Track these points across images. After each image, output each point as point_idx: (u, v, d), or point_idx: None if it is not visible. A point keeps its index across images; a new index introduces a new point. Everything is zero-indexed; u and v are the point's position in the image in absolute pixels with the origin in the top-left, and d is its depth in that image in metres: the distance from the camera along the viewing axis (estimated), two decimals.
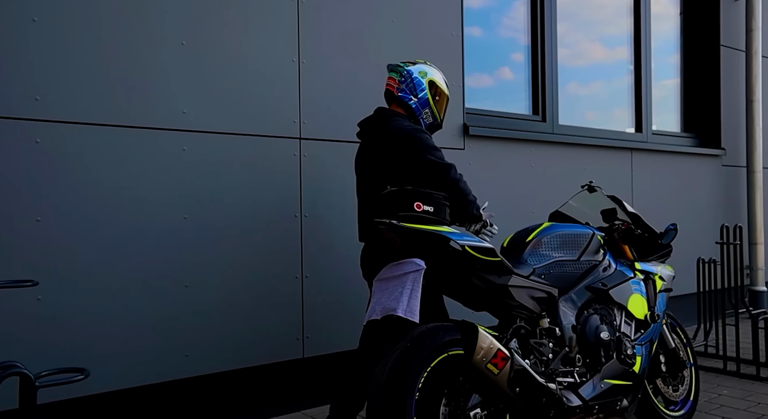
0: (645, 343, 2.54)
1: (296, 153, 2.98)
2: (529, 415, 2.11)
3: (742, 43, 5.29)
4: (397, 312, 1.88)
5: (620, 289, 2.52)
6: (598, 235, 2.58)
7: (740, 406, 3.02)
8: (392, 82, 2.58)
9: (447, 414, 1.97)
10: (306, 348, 3.00)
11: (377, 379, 1.90)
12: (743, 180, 5.34)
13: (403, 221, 2.01)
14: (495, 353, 1.98)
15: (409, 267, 1.98)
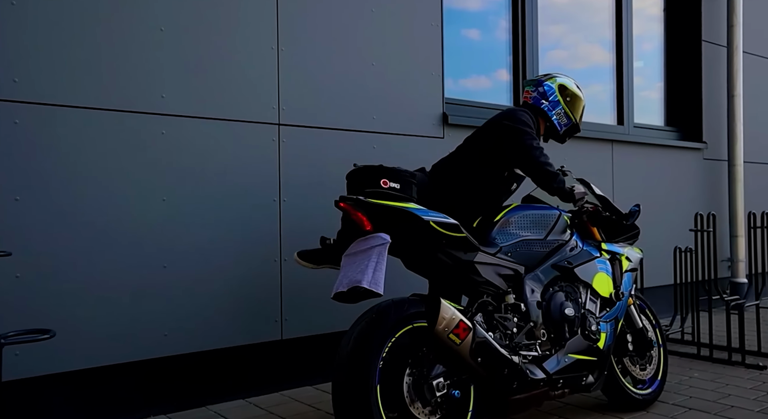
0: (610, 320, 2.61)
1: (275, 138, 3.05)
2: (492, 386, 2.17)
3: (724, 39, 5.37)
4: (362, 284, 1.93)
5: (585, 268, 2.59)
6: (564, 216, 2.66)
7: (708, 387, 3.08)
8: (527, 94, 2.89)
9: (410, 383, 2.04)
10: (284, 330, 3.06)
11: (343, 349, 1.97)
12: (724, 173, 5.41)
13: (370, 197, 2.07)
14: (457, 324, 2.04)
15: (374, 242, 2.03)
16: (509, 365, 2.17)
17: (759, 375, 3.30)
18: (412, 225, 2.08)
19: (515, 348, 2.27)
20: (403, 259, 2.33)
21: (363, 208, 2.06)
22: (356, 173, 2.15)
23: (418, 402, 2.04)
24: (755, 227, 3.82)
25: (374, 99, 3.38)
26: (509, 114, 2.68)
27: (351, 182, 2.16)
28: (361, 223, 2.06)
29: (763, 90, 5.82)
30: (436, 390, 2.04)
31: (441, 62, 3.67)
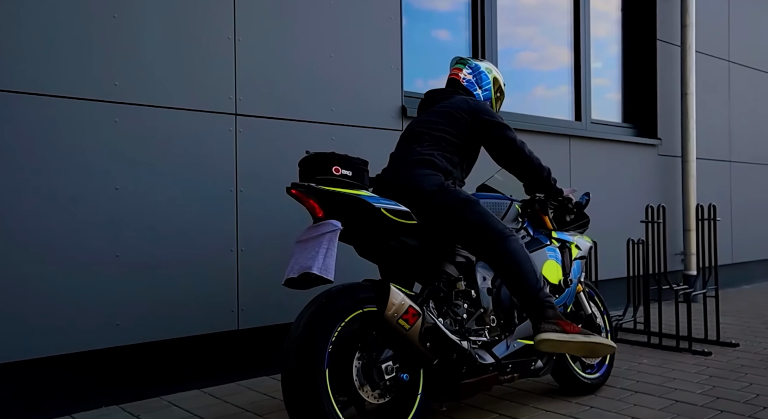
0: (559, 307, 2.65)
1: (232, 128, 3.05)
2: (441, 371, 2.21)
3: (678, 39, 5.53)
4: (312, 270, 1.93)
5: (535, 255, 2.63)
6: (516, 204, 2.71)
7: (655, 372, 3.19)
8: (458, 72, 2.78)
9: (360, 367, 2.06)
10: (241, 320, 3.06)
11: (292, 333, 1.98)
12: (678, 169, 5.58)
13: (322, 185, 2.08)
14: (406, 309, 2.07)
15: (325, 228, 2.03)
16: (458, 350, 2.21)
17: (704, 360, 3.43)
18: (363, 212, 2.10)
19: (465, 334, 2.31)
20: (355, 246, 2.35)
21: (314, 195, 2.07)
22: (308, 160, 2.14)
23: (368, 386, 2.06)
24: (703, 219, 3.95)
25: (333, 90, 3.40)
26: (482, 107, 2.56)
27: (303, 169, 2.15)
28: (313, 210, 2.08)
29: (714, 89, 6.01)
30: (385, 374, 2.06)
31: (400, 55, 3.71)
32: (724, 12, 6.13)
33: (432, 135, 2.48)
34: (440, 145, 2.46)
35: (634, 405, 2.68)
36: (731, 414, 2.53)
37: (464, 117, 2.51)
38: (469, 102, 2.57)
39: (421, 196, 2.28)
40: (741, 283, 6.35)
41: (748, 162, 6.39)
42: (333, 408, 1.94)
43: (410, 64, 4.01)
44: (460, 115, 2.51)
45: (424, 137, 2.48)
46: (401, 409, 2.16)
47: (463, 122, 2.51)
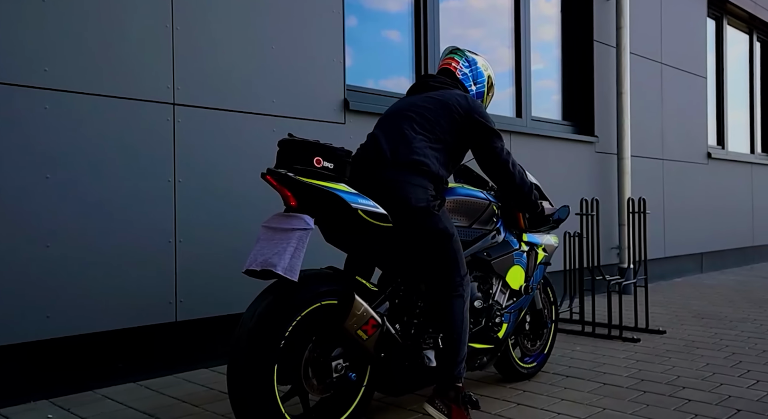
0: (514, 311, 2.69)
1: (169, 118, 3.00)
2: (388, 370, 2.21)
3: (613, 40, 5.75)
4: (276, 270, 1.84)
5: (503, 261, 2.63)
6: (494, 205, 2.64)
7: (587, 358, 3.32)
8: (454, 62, 2.62)
9: (310, 360, 2.02)
10: (179, 312, 3.02)
11: (245, 323, 1.91)
12: (614, 165, 5.80)
13: (300, 175, 1.94)
14: (367, 320, 2.05)
15: (297, 224, 1.92)
16: (410, 357, 2.24)
17: (633, 346, 3.58)
18: (339, 209, 2.00)
19: (418, 338, 2.29)
20: (324, 233, 2.26)
21: (289, 185, 1.95)
22: (289, 145, 1.97)
23: (314, 380, 2.04)
24: (634, 212, 4.13)
25: (274, 82, 3.40)
26: (479, 108, 2.42)
27: (282, 154, 1.98)
28: (287, 199, 1.98)
29: (647, 89, 6.27)
30: (333, 372, 2.04)
31: (342, 49, 3.73)
32: (656, 16, 6.40)
33: (426, 118, 2.33)
34: (433, 133, 2.32)
35: (565, 388, 2.79)
36: (653, 395, 2.67)
37: (459, 112, 2.36)
38: (468, 99, 2.42)
39: (403, 208, 2.17)
40: (673, 276, 6.64)
41: (679, 160, 6.69)
42: (277, 403, 1.91)
43: (354, 59, 4.04)
44: (456, 110, 2.36)
45: (416, 120, 2.33)
46: (343, 402, 2.17)
47: (456, 117, 2.35)
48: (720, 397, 2.62)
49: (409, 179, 2.21)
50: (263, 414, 1.88)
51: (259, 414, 1.88)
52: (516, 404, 2.57)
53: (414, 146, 2.27)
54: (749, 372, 3.00)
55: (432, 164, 2.27)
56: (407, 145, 2.27)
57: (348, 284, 2.11)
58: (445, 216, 2.27)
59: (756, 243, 8.06)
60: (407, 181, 2.21)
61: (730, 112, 7.97)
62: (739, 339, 3.72)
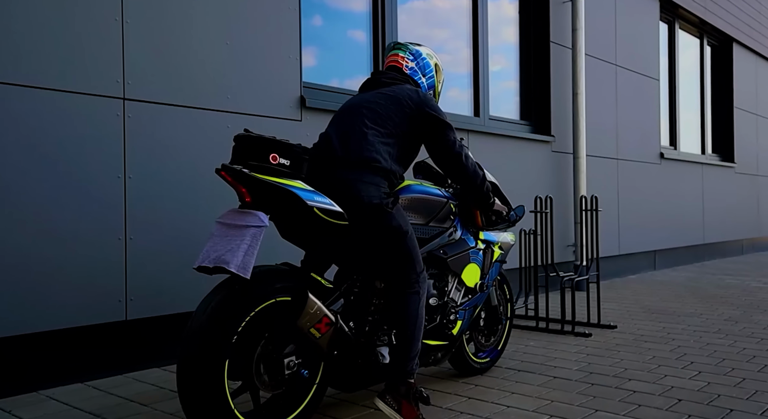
0: (469, 308, 2.71)
1: (119, 113, 2.94)
2: (341, 367, 2.22)
3: (569, 41, 5.86)
4: (229, 267, 1.81)
5: (458, 259, 2.64)
6: (451, 203, 2.64)
7: (539, 353, 3.38)
8: (399, 58, 2.59)
9: (262, 357, 2.01)
10: (129, 310, 2.96)
11: (196, 319, 1.88)
12: (570, 165, 5.91)
13: (255, 171, 1.92)
14: (320, 319, 2.04)
15: (252, 221, 1.90)
16: (363, 355, 2.24)
17: (584, 341, 3.67)
18: (294, 206, 1.99)
19: (372, 335, 2.29)
20: (280, 229, 2.24)
21: (244, 182, 1.93)
22: (245, 141, 1.94)
23: (265, 376, 2.02)
24: (586, 210, 4.22)
25: (229, 78, 3.36)
26: (430, 102, 2.42)
27: (237, 149, 1.94)
28: (242, 195, 1.96)
29: (602, 90, 6.41)
30: (285, 369, 2.03)
31: (299, 46, 3.71)
32: (611, 19, 6.56)
33: (378, 113, 2.34)
34: (385, 127, 2.32)
35: (516, 382, 2.84)
36: (600, 387, 2.73)
37: (410, 107, 2.36)
38: (419, 93, 2.43)
39: (356, 206, 2.17)
40: (627, 273, 6.81)
41: (633, 160, 6.86)
42: (227, 400, 1.89)
43: (312, 57, 4.03)
44: (407, 104, 2.37)
45: (368, 116, 2.33)
46: (295, 399, 2.16)
47: (408, 112, 2.36)
48: (663, 388, 2.70)
49: (361, 177, 2.22)
50: (212, 410, 1.86)
51: (208, 410, 1.86)
52: (467, 398, 2.60)
53: (365, 142, 2.27)
54: (692, 363, 3.10)
55: (384, 160, 2.28)
56: (358, 142, 2.28)
57: (302, 281, 2.10)
58: (399, 213, 2.27)
59: (707, 241, 8.33)
60: (359, 178, 2.21)
61: (683, 113, 8.22)
62: (686, 332, 3.84)
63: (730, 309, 4.63)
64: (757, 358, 3.19)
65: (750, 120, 9.57)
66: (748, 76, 9.50)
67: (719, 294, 5.37)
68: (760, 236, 9.87)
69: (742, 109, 9.30)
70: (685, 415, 2.35)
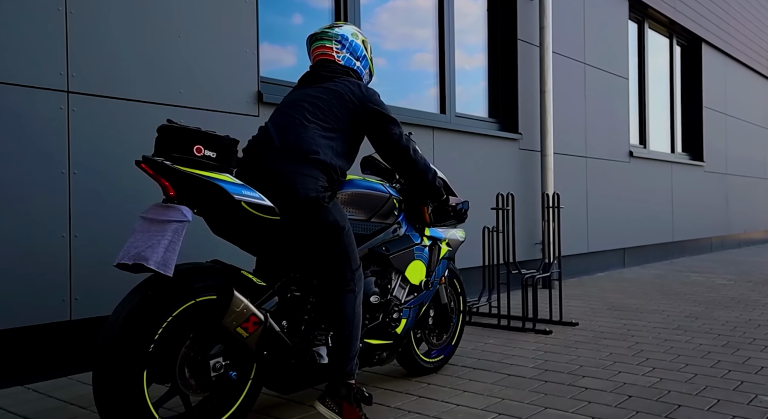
0: (414, 306, 2.65)
1: (63, 106, 2.86)
2: (275, 368, 2.15)
3: (536, 39, 5.86)
4: (148, 264, 1.73)
5: (402, 256, 2.58)
6: (394, 199, 2.59)
7: (497, 351, 3.35)
8: (327, 50, 2.49)
9: (186, 358, 1.94)
10: (73, 310, 2.88)
11: (109, 327, 1.79)
12: (537, 162, 5.91)
13: (178, 164, 1.84)
14: (247, 318, 1.97)
15: (174, 215, 1.82)
16: (297, 356, 2.16)
17: (544, 338, 3.65)
18: (221, 200, 1.92)
19: (308, 335, 2.22)
20: (211, 226, 2.17)
21: (167, 174, 1.84)
22: (167, 132, 1.86)
23: (191, 379, 1.95)
24: (549, 207, 4.21)
25: (181, 72, 3.29)
26: (373, 96, 2.39)
27: (160, 141, 1.87)
28: (165, 189, 1.89)
29: (571, 88, 6.43)
30: (212, 371, 1.95)
31: (256, 40, 3.64)
32: (579, 17, 6.58)
33: (319, 107, 2.28)
34: (327, 122, 2.27)
35: (470, 380, 2.80)
36: (553, 384, 2.71)
37: (353, 101, 2.32)
38: (361, 88, 2.38)
39: (291, 199, 2.11)
40: (596, 271, 6.84)
41: (602, 158, 6.89)
42: (149, 413, 1.82)
43: (270, 51, 3.97)
44: (350, 98, 2.32)
45: (309, 110, 2.27)
46: (226, 401, 2.08)
47: (350, 106, 2.32)
48: (616, 384, 2.68)
49: (298, 169, 2.15)
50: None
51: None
52: (417, 397, 2.56)
53: (305, 135, 2.22)
54: (648, 360, 3.10)
55: (324, 153, 2.22)
56: (297, 135, 2.22)
57: (229, 279, 2.03)
58: (336, 208, 2.22)
59: (675, 239, 8.41)
60: (295, 170, 2.15)
61: (652, 112, 8.28)
62: (646, 329, 3.84)
63: (692, 306, 4.65)
64: (712, 354, 3.19)
65: (719, 119, 9.68)
66: (717, 76, 9.62)
67: (683, 291, 5.41)
68: (729, 234, 10.00)
69: (711, 108, 9.41)
70: (633, 411, 2.34)
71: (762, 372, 2.83)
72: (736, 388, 2.60)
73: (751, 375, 2.79)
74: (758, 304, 4.70)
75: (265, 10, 3.89)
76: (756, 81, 11.13)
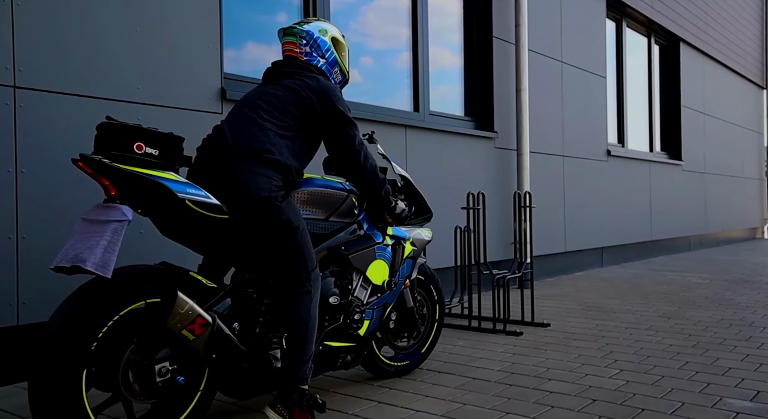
0: (377, 308, 2.58)
1: (9, 102, 2.74)
2: (227, 374, 2.06)
3: (512, 36, 5.80)
4: (86, 266, 1.66)
5: (362, 255, 2.51)
6: (353, 197, 2.52)
7: (465, 353, 3.28)
8: (292, 46, 2.42)
9: (130, 364, 1.85)
10: (21, 315, 2.76)
11: (46, 331, 1.72)
12: (513, 161, 5.86)
13: (117, 161, 1.77)
14: (193, 319, 1.89)
15: (113, 215, 1.76)
16: (249, 360, 2.08)
17: (514, 340, 3.58)
18: (164, 199, 1.85)
19: (263, 338, 2.14)
20: (158, 226, 2.09)
21: (106, 173, 1.77)
22: (106, 129, 1.80)
23: (136, 385, 1.87)
24: (521, 206, 4.15)
25: (138, 67, 3.17)
26: (333, 93, 2.30)
27: (99, 138, 1.80)
28: (106, 189, 1.82)
29: (548, 86, 6.38)
30: (157, 376, 1.87)
31: (219, 36, 3.54)
32: (556, 15, 6.53)
33: (274, 104, 2.21)
34: (283, 121, 2.19)
35: (433, 384, 2.72)
36: (518, 388, 2.64)
37: (310, 98, 2.24)
38: (320, 82, 2.30)
39: (242, 198, 2.03)
40: (574, 270, 6.80)
41: (580, 157, 6.85)
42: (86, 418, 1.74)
43: (235, 47, 3.86)
44: (307, 95, 2.24)
45: (264, 108, 2.20)
46: (176, 408, 2.00)
47: (308, 103, 2.24)
48: (581, 388, 2.62)
49: (251, 167, 2.08)
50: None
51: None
52: (377, 402, 2.48)
53: (259, 133, 2.15)
54: (616, 361, 3.04)
55: (278, 152, 2.15)
56: (251, 133, 2.15)
57: (175, 281, 1.95)
58: (290, 208, 2.14)
59: (654, 238, 8.40)
60: (248, 169, 2.08)
61: (631, 111, 8.27)
62: (617, 329, 3.79)
63: (666, 305, 4.62)
64: (681, 355, 3.14)
65: (697, 118, 9.71)
66: (695, 75, 9.64)
67: (659, 291, 5.38)
68: (708, 233, 10.03)
69: (689, 107, 9.43)
70: (596, 416, 2.27)
71: (729, 374, 2.78)
72: (702, 390, 2.55)
73: (718, 377, 2.74)
74: (731, 303, 4.68)
75: (230, 4, 3.78)
76: (734, 80, 11.19)
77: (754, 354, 3.13)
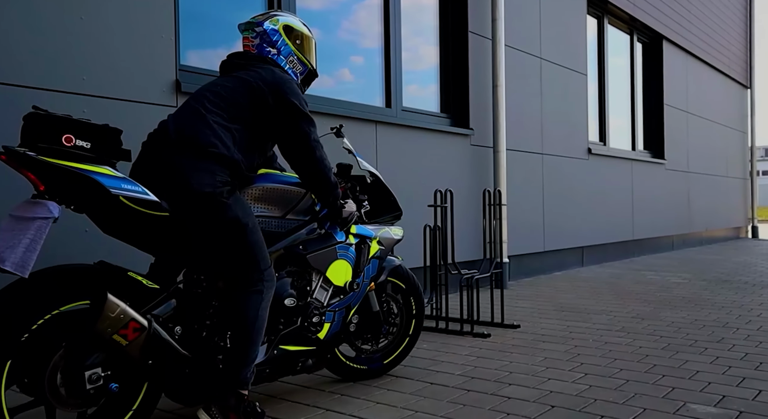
0: (340, 309, 2.46)
1: None
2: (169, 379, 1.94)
3: (489, 32, 5.68)
4: (5, 265, 1.60)
5: (321, 255, 2.39)
6: (312, 195, 2.38)
7: (428, 356, 3.16)
8: (247, 41, 2.37)
9: (57, 370, 1.74)
10: None
11: None
12: (490, 159, 5.74)
13: (44, 154, 1.67)
14: (126, 324, 1.78)
15: (39, 211, 1.67)
16: (192, 365, 1.96)
17: (481, 342, 3.46)
18: (96, 195, 1.75)
19: (209, 342, 2.03)
20: (97, 224, 1.97)
21: (31, 167, 1.67)
22: (33, 120, 1.70)
23: (62, 390, 1.75)
24: (490, 204, 4.04)
25: (83, 57, 3.02)
26: (288, 85, 2.19)
27: (25, 130, 1.71)
28: (34, 184, 1.71)
29: (526, 83, 6.27)
30: (87, 383, 1.76)
31: (174, 25, 3.39)
32: (535, 11, 6.42)
33: (221, 96, 2.10)
34: (229, 112, 2.08)
35: (388, 390, 2.60)
36: (475, 393, 2.52)
37: (261, 89, 2.13)
38: (275, 73, 2.20)
39: (183, 193, 1.93)
40: (553, 270, 6.70)
41: (559, 155, 6.75)
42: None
43: (191, 38, 3.72)
44: (258, 86, 2.13)
45: (210, 99, 2.10)
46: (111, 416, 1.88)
47: (259, 94, 2.12)
48: (541, 393, 2.50)
49: (194, 162, 1.98)
50: None
51: None
52: (324, 410, 2.35)
53: (203, 126, 2.04)
54: (582, 365, 2.93)
55: (223, 146, 2.03)
56: (194, 126, 2.04)
57: (109, 282, 1.83)
58: (238, 204, 2.02)
59: (636, 237, 8.32)
60: (190, 164, 1.97)
61: (613, 109, 8.18)
62: (589, 331, 3.68)
63: (641, 306, 4.52)
64: (649, 357, 3.03)
65: (680, 117, 9.65)
66: (678, 73, 9.58)
67: (636, 291, 5.28)
68: (690, 232, 9.97)
69: (672, 106, 9.36)
70: None
71: (696, 377, 2.68)
72: (666, 395, 2.44)
73: (684, 381, 2.63)
74: (708, 303, 4.59)
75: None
76: (718, 79, 11.14)
77: (724, 357, 3.02)
